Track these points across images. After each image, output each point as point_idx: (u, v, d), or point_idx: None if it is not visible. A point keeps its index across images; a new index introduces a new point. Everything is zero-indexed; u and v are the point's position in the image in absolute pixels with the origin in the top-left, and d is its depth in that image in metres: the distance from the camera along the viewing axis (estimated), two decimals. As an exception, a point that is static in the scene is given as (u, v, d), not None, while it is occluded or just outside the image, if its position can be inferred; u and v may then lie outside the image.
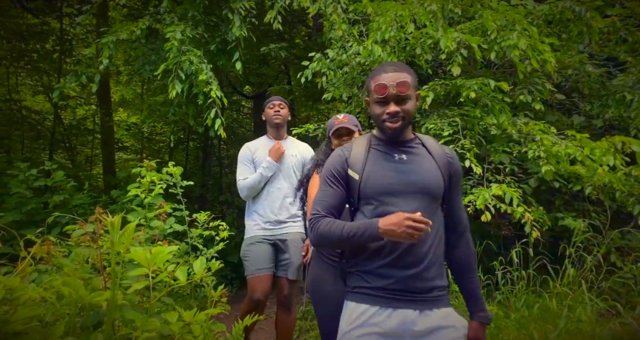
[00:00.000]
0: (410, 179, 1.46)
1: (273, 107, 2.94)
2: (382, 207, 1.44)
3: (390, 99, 1.45)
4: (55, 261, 1.83)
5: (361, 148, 1.56)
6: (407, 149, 1.54)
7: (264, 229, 2.83)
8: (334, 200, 1.53)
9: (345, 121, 2.25)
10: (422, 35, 3.61)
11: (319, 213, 1.52)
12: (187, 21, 4.42)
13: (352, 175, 1.51)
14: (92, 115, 9.40)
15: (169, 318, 1.12)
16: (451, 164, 1.57)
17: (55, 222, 3.74)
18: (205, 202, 8.01)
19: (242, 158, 2.92)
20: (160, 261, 1.00)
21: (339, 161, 1.56)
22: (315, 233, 1.49)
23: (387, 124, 1.47)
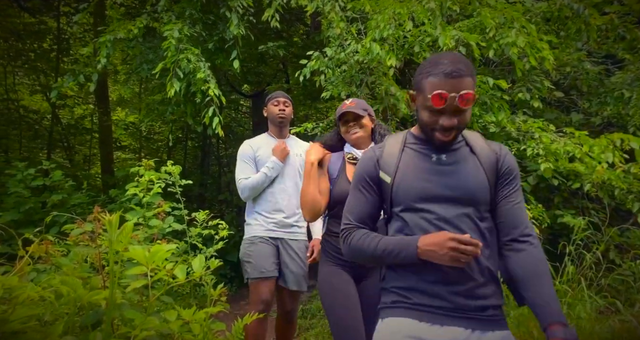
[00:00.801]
0: (450, 183, 1.27)
1: (277, 104, 2.74)
2: (418, 215, 1.27)
3: (447, 110, 1.23)
4: (54, 260, 1.82)
5: (395, 147, 1.38)
6: (448, 147, 1.34)
7: (268, 229, 2.63)
8: (367, 207, 1.38)
9: (352, 106, 2.06)
10: (421, 33, 3.61)
11: (351, 223, 1.38)
12: (184, 19, 4.41)
13: (384, 178, 1.34)
14: (90, 114, 9.39)
15: (168, 317, 1.12)
16: (499, 161, 1.35)
17: (53, 222, 3.74)
18: (204, 201, 8.00)
19: (243, 156, 2.71)
20: (158, 259, 0.99)
21: (369, 163, 1.39)
22: (348, 247, 1.36)
23: (438, 135, 1.27)
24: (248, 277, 2.58)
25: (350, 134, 2.07)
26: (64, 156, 9.02)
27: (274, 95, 2.79)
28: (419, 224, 1.26)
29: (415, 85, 1.32)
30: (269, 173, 2.62)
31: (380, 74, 3.97)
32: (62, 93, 7.82)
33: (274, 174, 2.64)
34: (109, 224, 0.98)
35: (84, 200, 4.68)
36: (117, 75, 8.59)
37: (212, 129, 4.13)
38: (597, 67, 4.14)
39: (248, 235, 2.69)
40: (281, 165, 2.65)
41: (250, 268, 2.56)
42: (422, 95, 1.28)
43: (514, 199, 1.33)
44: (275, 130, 2.80)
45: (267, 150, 2.70)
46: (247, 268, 2.59)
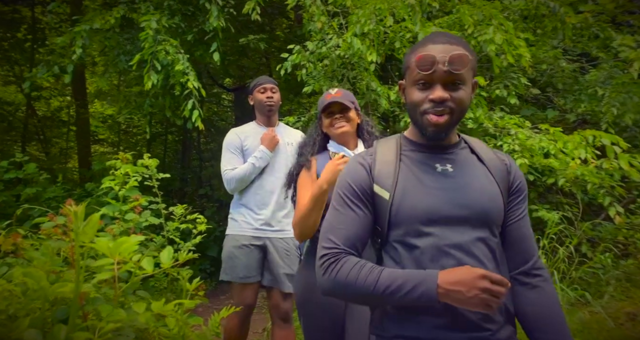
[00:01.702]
0: (461, 200, 1.04)
1: (264, 91, 2.54)
2: (425, 242, 1.02)
3: (437, 79, 1.02)
4: (25, 254, 1.78)
5: (389, 154, 1.14)
6: (451, 156, 1.12)
7: (256, 229, 2.44)
8: (357, 228, 1.08)
9: (338, 96, 1.82)
10: (401, 28, 3.63)
11: (336, 247, 1.06)
12: (163, 10, 4.33)
13: (379, 193, 1.08)
14: (66, 106, 9.18)
15: (137, 308, 1.11)
16: (510, 174, 1.14)
17: (27, 215, 3.65)
18: (184, 196, 7.92)
19: (229, 145, 2.51)
20: (125, 251, 0.98)
21: (360, 172, 1.12)
22: (332, 280, 1.03)
23: (429, 117, 1.03)
24: (229, 279, 2.43)
25: (335, 128, 1.81)
26: (40, 149, 8.81)
27: (260, 81, 2.59)
28: (428, 252, 1.01)
29: (404, 67, 1.13)
30: (257, 163, 2.42)
31: (362, 69, 3.99)
32: (38, 84, 7.62)
33: (263, 164, 2.44)
34: (75, 215, 0.96)
35: (59, 193, 4.58)
36: (95, 67, 8.41)
37: (192, 123, 4.09)
38: (572, 65, 4.23)
39: (233, 232, 2.49)
40: (270, 155, 2.46)
41: (232, 272, 2.41)
42: (409, 73, 1.09)
43: (524, 223, 1.15)
44: (263, 119, 2.60)
45: (256, 140, 2.50)
46: (228, 270, 2.44)
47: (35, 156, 8.20)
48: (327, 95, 1.86)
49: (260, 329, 4.06)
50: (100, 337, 0.96)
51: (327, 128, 1.85)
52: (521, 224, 1.14)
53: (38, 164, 4.90)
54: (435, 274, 0.95)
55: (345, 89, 1.93)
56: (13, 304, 1.06)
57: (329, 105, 1.82)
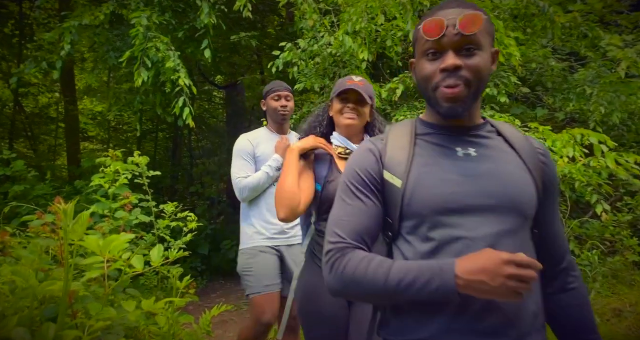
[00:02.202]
0: (488, 186, 0.92)
1: (279, 99, 2.45)
2: (443, 234, 0.90)
3: (447, 44, 0.90)
4: (13, 253, 1.76)
5: (402, 139, 1.02)
6: (475, 139, 0.99)
7: (269, 238, 2.35)
8: (365, 220, 0.97)
9: (360, 85, 1.66)
10: (393, 27, 3.63)
11: (344, 241, 0.95)
12: (153, 7, 4.29)
13: (391, 181, 0.96)
14: (55, 103, 9.07)
15: (127, 307, 1.10)
16: (546, 165, 1.02)
17: (15, 213, 3.61)
18: (175, 194, 7.88)
19: (241, 152, 2.40)
20: (114, 249, 0.97)
21: (368, 158, 1.01)
22: (340, 276, 0.92)
23: (442, 91, 0.91)
24: (250, 293, 2.29)
25: (343, 117, 1.68)
26: (28, 146, 8.70)
27: (274, 88, 2.48)
28: (446, 246, 0.90)
29: (413, 41, 1.01)
30: (272, 173, 2.32)
31: (354, 68, 3.99)
32: (26, 81, 7.53)
33: (278, 174, 2.31)
34: (64, 213, 0.96)
35: (48, 191, 4.53)
36: (85, 63, 8.31)
37: (183, 120, 4.06)
38: (562, 64, 4.28)
39: (246, 246, 2.38)
40: None
41: (253, 281, 2.27)
42: (418, 45, 0.97)
43: (557, 219, 1.04)
44: (275, 126, 2.53)
45: (269, 147, 2.42)
46: (248, 282, 2.30)
47: (23, 153, 8.09)
48: (348, 80, 1.70)
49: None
50: (90, 335, 0.96)
51: (335, 114, 1.72)
52: (555, 219, 1.03)
53: (26, 161, 4.84)
54: (452, 263, 0.84)
55: (369, 83, 1.76)
56: (1, 302, 1.05)
57: (346, 91, 1.67)
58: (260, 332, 2.24)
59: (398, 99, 3.68)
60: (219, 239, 6.40)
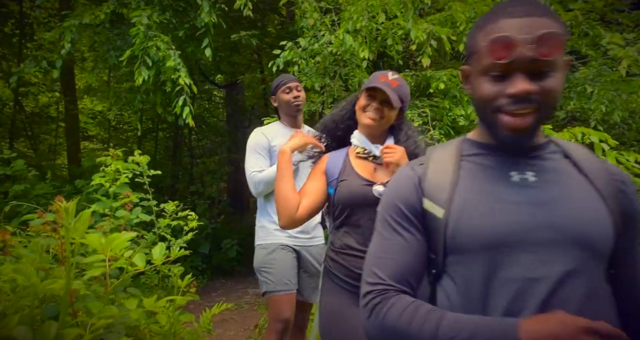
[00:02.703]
0: (548, 217, 0.78)
1: (290, 91, 2.36)
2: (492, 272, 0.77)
3: (518, 67, 0.75)
4: (14, 251, 1.76)
5: (445, 161, 0.89)
6: (535, 161, 0.84)
7: (290, 236, 2.28)
8: (407, 257, 0.85)
9: (392, 85, 1.51)
10: (393, 25, 3.63)
11: (384, 282, 0.84)
12: (154, 6, 4.29)
13: (431, 210, 0.85)
14: (55, 102, 9.07)
15: (128, 305, 1.10)
16: (625, 194, 0.84)
17: (15, 212, 3.61)
18: (175, 193, 7.88)
19: (256, 146, 2.33)
20: (116, 247, 0.97)
21: (406, 185, 0.90)
22: (380, 324, 0.80)
23: (505, 119, 0.78)
24: (267, 290, 2.22)
25: (364, 115, 1.55)
26: (28, 145, 8.69)
27: (283, 80, 2.40)
28: (498, 289, 0.76)
29: (469, 50, 0.87)
30: None
31: (354, 66, 3.98)
32: (26, 80, 7.53)
33: (294, 168, 2.30)
34: (65, 211, 0.95)
35: (48, 190, 4.53)
36: (85, 62, 8.31)
37: (183, 119, 4.06)
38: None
39: (264, 241, 2.32)
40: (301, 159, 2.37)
41: (272, 279, 2.20)
42: (476, 58, 0.82)
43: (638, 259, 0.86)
44: (289, 120, 2.43)
45: (284, 141, 2.36)
46: (266, 279, 2.22)
47: (23, 153, 8.09)
48: (382, 76, 1.55)
49: (252, 325, 4.07)
50: (92, 333, 0.96)
51: (359, 109, 1.58)
52: (636, 259, 0.85)
53: (26, 160, 4.84)
54: (514, 324, 0.69)
55: (406, 82, 1.60)
56: (2, 301, 1.05)
57: (374, 88, 1.52)
58: (281, 328, 2.18)
59: (398, 97, 3.67)
60: (220, 237, 6.40)
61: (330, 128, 1.70)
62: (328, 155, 1.65)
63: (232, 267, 6.37)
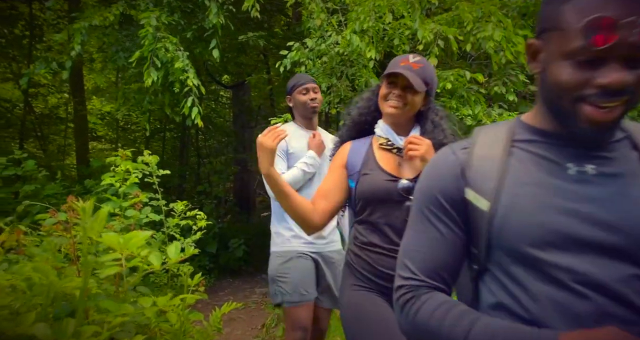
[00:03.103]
0: (610, 217, 0.69)
1: (307, 92, 2.29)
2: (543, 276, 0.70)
3: (614, 53, 0.64)
4: (26, 251, 1.79)
5: (494, 147, 0.79)
6: (598, 152, 0.74)
7: (307, 242, 2.19)
8: (443, 252, 0.80)
9: (413, 67, 1.40)
10: (400, 25, 3.63)
11: (417, 278, 0.80)
12: (162, 7, 4.32)
13: (475, 202, 0.77)
14: (64, 103, 9.16)
15: (143, 303, 1.12)
16: None
17: (26, 212, 3.65)
18: (182, 193, 7.93)
19: None
20: (133, 246, 0.99)
21: (445, 173, 0.81)
22: (412, 321, 0.78)
23: (590, 110, 0.67)
24: (283, 301, 2.13)
25: (386, 104, 1.44)
26: (38, 146, 8.79)
27: (300, 81, 2.33)
28: (547, 292, 0.69)
29: (546, 24, 0.72)
30: (308, 169, 2.18)
31: (361, 66, 3.99)
32: (35, 81, 7.61)
33: (313, 171, 2.19)
34: (82, 210, 0.97)
35: (58, 190, 4.58)
36: (93, 63, 8.38)
37: (191, 120, 4.09)
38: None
39: (280, 249, 2.23)
40: (320, 162, 2.23)
41: (287, 289, 2.12)
42: (560, 37, 0.69)
43: None
44: (304, 121, 2.37)
45: (300, 143, 2.28)
46: (281, 289, 2.14)
47: (32, 153, 8.18)
48: (402, 60, 1.44)
49: (259, 325, 4.09)
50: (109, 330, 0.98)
51: (380, 99, 1.47)
52: None
53: (36, 161, 4.90)
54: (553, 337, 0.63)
55: (429, 62, 1.50)
56: (19, 299, 1.07)
57: (393, 74, 1.40)
58: (299, 338, 2.11)
59: (406, 97, 3.68)
60: (227, 237, 6.44)
61: (358, 122, 1.58)
62: (350, 145, 1.54)
63: (239, 266, 6.40)
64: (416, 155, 1.37)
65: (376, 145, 1.50)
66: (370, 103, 1.56)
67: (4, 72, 8.32)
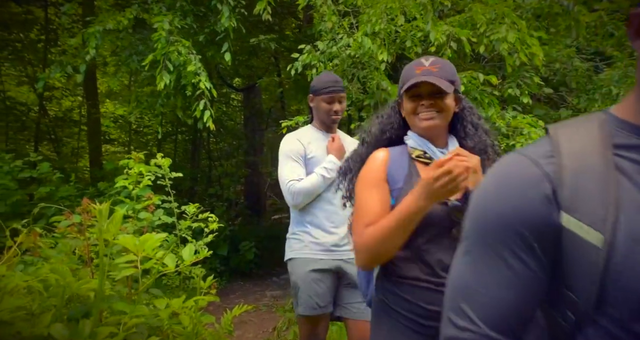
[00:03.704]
0: None
1: (332, 102, 2.14)
2: None
3: None
4: (42, 252, 1.81)
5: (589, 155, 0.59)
6: None
7: (328, 250, 2.08)
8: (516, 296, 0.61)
9: (432, 70, 1.24)
10: (412, 28, 3.62)
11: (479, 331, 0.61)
12: (175, 11, 4.36)
13: (577, 232, 0.57)
14: (78, 106, 9.28)
15: (158, 305, 1.12)
16: None
17: (40, 214, 3.70)
18: (194, 195, 7.97)
19: (292, 152, 2.13)
20: (148, 248, 0.99)
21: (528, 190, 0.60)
22: None
23: None
24: (299, 312, 2.08)
25: (420, 119, 1.25)
26: (52, 149, 8.91)
27: (328, 87, 2.13)
28: None
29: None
30: (328, 175, 2.06)
31: (372, 69, 3.98)
32: (50, 85, 7.73)
33: (334, 176, 2.01)
34: (99, 213, 0.98)
35: (72, 193, 4.63)
36: (106, 67, 8.49)
37: (203, 123, 4.12)
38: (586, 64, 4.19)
39: (297, 255, 2.12)
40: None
41: (301, 300, 2.06)
42: None
43: None
44: (323, 126, 2.24)
45: (319, 147, 2.16)
46: (297, 298, 2.09)
47: (47, 156, 8.30)
48: (416, 67, 1.26)
49: (271, 328, 4.08)
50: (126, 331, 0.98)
51: (408, 115, 1.29)
52: None
53: (50, 163, 4.97)
54: None
55: (444, 59, 1.34)
56: (35, 300, 1.08)
57: (416, 85, 1.23)
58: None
59: (418, 100, 3.66)
60: (237, 240, 6.45)
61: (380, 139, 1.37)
62: (387, 154, 1.30)
63: (250, 269, 6.41)
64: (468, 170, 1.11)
65: (413, 157, 1.30)
66: (391, 120, 1.37)
67: (19, 75, 8.46)
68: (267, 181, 9.84)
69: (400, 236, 1.15)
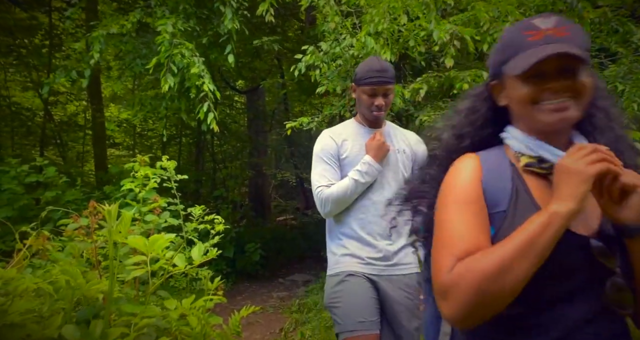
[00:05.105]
0: None
1: (374, 95, 1.82)
2: None
3: None
4: (50, 256, 1.82)
5: None
6: None
7: (366, 264, 1.78)
8: None
9: (558, 35, 0.81)
10: (415, 27, 3.61)
11: None
12: (178, 14, 4.38)
13: None
14: (82, 111, 9.34)
15: (168, 305, 1.12)
16: None
17: (48, 218, 3.71)
18: (198, 198, 8.00)
19: (323, 152, 1.86)
20: (158, 248, 0.99)
21: None
22: None
23: None
24: (338, 332, 1.74)
25: (546, 110, 0.81)
26: (57, 153, 8.97)
27: (371, 77, 1.80)
28: None
29: None
30: (363, 179, 1.77)
31: (375, 69, 3.98)
32: (54, 89, 7.78)
33: (370, 181, 1.79)
34: (108, 214, 0.98)
35: (78, 196, 4.66)
36: (110, 71, 8.54)
37: (207, 125, 4.13)
38: (591, 61, 4.16)
39: (331, 271, 1.85)
40: (379, 169, 1.80)
41: (341, 316, 1.72)
42: None
43: None
44: (366, 121, 1.94)
45: (357, 144, 1.87)
46: (336, 316, 1.76)
47: (52, 160, 8.36)
48: (528, 31, 0.83)
49: (278, 329, 4.08)
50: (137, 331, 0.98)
51: (523, 105, 0.85)
52: None
53: (56, 167, 5.00)
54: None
55: (569, 20, 0.85)
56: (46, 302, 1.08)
57: (544, 59, 0.78)
58: None
59: (422, 99, 3.65)
60: (243, 241, 6.47)
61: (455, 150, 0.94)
62: (477, 161, 0.89)
63: (256, 270, 6.42)
64: (629, 184, 0.74)
65: (519, 168, 0.87)
66: (476, 116, 0.94)
67: (24, 81, 8.53)
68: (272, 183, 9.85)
69: (525, 268, 0.71)
